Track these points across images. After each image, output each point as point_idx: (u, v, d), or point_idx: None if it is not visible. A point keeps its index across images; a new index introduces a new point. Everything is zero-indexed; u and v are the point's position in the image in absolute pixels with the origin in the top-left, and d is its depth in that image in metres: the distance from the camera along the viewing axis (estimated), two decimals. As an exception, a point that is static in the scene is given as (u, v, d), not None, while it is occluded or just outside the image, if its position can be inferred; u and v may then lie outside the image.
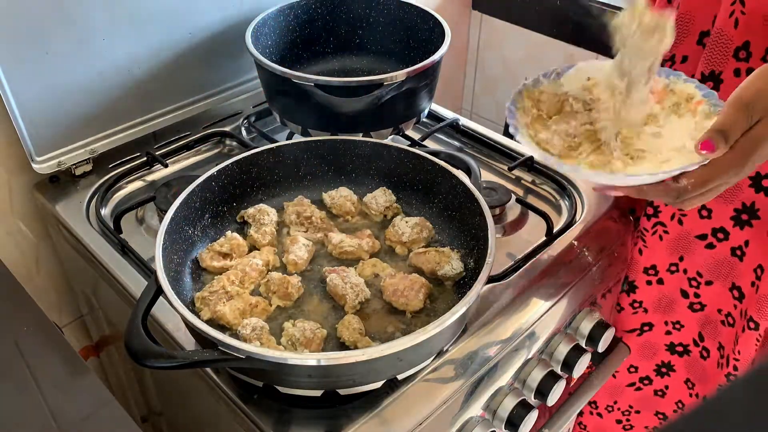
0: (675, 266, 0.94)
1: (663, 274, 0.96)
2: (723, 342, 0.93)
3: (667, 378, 1.05)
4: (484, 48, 1.62)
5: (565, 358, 0.79)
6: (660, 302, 0.99)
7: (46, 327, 0.68)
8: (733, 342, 0.89)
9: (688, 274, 0.94)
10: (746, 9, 0.71)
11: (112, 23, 0.87)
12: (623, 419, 1.15)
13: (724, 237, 0.87)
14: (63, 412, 0.59)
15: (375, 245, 0.77)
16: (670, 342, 1.02)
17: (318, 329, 0.66)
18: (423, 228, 0.77)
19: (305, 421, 0.63)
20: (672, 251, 0.93)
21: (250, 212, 0.79)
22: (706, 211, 0.87)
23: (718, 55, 0.75)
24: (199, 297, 0.69)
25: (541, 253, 0.81)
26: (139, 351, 0.55)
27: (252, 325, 0.65)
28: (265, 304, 0.70)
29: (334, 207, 0.82)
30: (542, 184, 0.95)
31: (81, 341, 1.14)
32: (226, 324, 0.67)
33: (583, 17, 1.38)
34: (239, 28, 0.97)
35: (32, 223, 0.98)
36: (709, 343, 0.97)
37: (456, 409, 0.68)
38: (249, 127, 1.03)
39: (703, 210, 0.87)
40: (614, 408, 1.14)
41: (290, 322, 0.67)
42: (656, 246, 0.93)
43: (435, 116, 1.06)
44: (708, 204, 0.86)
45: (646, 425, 1.14)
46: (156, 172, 0.96)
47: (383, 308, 0.70)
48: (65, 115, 0.88)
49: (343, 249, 0.75)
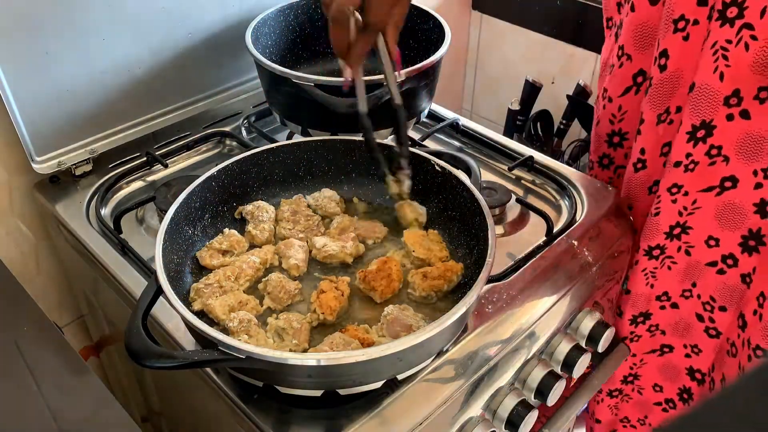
0: (689, 292, 0.94)
1: (677, 299, 0.96)
2: (726, 374, 0.93)
3: (688, 405, 1.05)
4: (484, 48, 1.62)
5: (565, 358, 0.79)
6: (677, 326, 0.99)
7: (46, 327, 0.68)
8: (737, 373, 0.89)
9: (702, 299, 0.94)
10: (730, 62, 0.72)
11: (112, 23, 0.87)
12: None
13: (733, 263, 0.88)
14: (63, 412, 0.59)
15: (359, 248, 0.77)
16: (690, 366, 1.02)
17: (304, 319, 0.67)
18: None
19: (305, 421, 0.63)
20: (683, 278, 0.93)
21: (248, 209, 0.79)
22: (714, 240, 0.88)
23: (706, 107, 0.77)
24: (195, 288, 0.70)
25: (541, 253, 0.81)
26: (139, 351, 0.55)
27: (239, 318, 0.66)
28: (255, 303, 0.70)
29: (318, 209, 0.82)
30: (542, 184, 0.95)
31: (81, 341, 1.14)
32: (214, 318, 0.68)
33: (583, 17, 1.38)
34: (239, 28, 0.97)
35: (32, 223, 0.98)
36: (716, 374, 0.96)
37: (456, 409, 0.68)
38: (249, 127, 1.03)
39: (711, 240, 0.88)
40: (645, 422, 1.15)
41: (273, 316, 0.68)
42: (665, 276, 0.94)
43: (435, 116, 1.06)
44: (714, 233, 0.87)
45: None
46: (156, 172, 0.96)
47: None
48: (65, 115, 0.88)
49: (327, 253, 0.76)
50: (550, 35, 1.46)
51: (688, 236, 0.89)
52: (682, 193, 0.85)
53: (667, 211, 0.87)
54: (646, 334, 1.02)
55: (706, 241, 0.88)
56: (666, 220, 0.88)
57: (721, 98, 0.75)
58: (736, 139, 0.78)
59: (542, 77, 1.45)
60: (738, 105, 0.75)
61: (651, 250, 0.92)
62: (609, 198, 0.90)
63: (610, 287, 0.92)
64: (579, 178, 0.93)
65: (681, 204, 0.86)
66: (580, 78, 1.39)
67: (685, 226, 0.88)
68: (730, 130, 0.77)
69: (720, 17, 0.71)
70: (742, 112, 0.75)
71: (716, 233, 0.87)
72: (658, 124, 0.84)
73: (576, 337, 0.84)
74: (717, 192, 0.83)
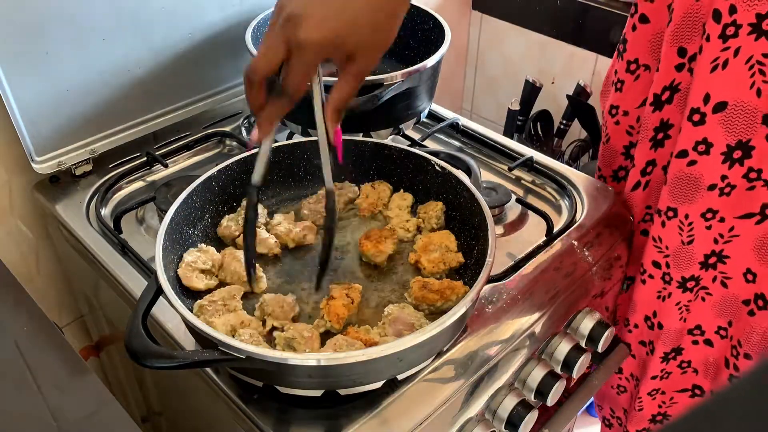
0: (724, 331, 0.89)
1: (711, 335, 0.91)
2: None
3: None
4: (484, 48, 1.62)
5: (565, 358, 0.79)
6: (708, 366, 0.94)
7: (46, 327, 0.68)
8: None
9: (732, 341, 0.89)
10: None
11: (112, 23, 0.87)
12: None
13: (764, 305, 0.83)
14: (63, 412, 0.59)
15: (306, 237, 0.77)
16: None
17: (313, 328, 0.66)
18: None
19: (305, 421, 0.63)
20: (719, 313, 0.88)
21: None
22: (751, 275, 0.83)
23: (742, 126, 0.73)
24: (198, 304, 0.68)
25: (541, 253, 0.81)
26: (139, 351, 0.55)
27: (249, 333, 0.65)
28: (258, 323, 0.68)
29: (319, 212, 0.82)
30: (542, 184, 0.95)
31: (81, 341, 1.14)
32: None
33: (583, 17, 1.38)
34: (239, 28, 0.97)
35: (32, 223, 0.98)
36: None
37: (456, 409, 0.68)
38: (249, 127, 1.03)
39: (749, 274, 0.83)
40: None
41: (279, 331, 0.66)
42: (699, 308, 0.89)
43: (435, 116, 1.06)
44: (753, 267, 0.82)
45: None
46: (156, 172, 0.96)
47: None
48: (65, 115, 0.88)
49: (277, 231, 0.77)
50: (550, 35, 1.46)
51: (725, 266, 0.84)
52: (717, 219, 0.80)
53: (702, 239, 0.82)
54: (677, 371, 0.96)
55: (744, 275, 0.83)
56: (700, 248, 0.83)
57: (760, 116, 0.71)
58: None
59: (542, 77, 1.45)
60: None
61: (685, 282, 0.86)
62: (609, 198, 0.90)
63: (610, 287, 0.92)
64: (579, 178, 0.93)
65: (716, 231, 0.81)
66: (580, 78, 1.39)
67: (721, 255, 0.83)
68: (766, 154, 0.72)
69: (754, 30, 0.67)
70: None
71: (754, 267, 0.81)
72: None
73: (576, 337, 0.84)
74: (757, 220, 0.78)
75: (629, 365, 1.02)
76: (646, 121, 0.83)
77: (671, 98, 0.80)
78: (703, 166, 0.77)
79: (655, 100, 0.81)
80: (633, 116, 0.88)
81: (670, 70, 0.78)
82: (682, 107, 0.79)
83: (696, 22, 0.74)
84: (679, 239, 0.84)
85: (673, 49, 0.77)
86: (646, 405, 1.01)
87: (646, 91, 0.84)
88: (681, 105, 0.79)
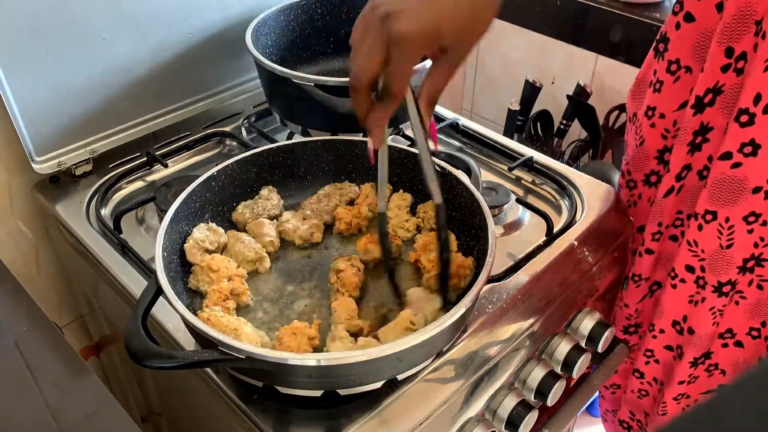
0: (756, 331, 0.87)
1: (742, 337, 0.88)
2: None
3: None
4: (484, 48, 1.62)
5: (565, 358, 0.79)
6: (737, 369, 0.90)
7: (46, 327, 0.68)
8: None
9: (767, 342, 0.86)
10: None
11: (113, 23, 0.87)
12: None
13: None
14: (63, 412, 0.59)
15: (313, 236, 0.78)
16: None
17: (313, 322, 0.67)
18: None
19: (305, 421, 0.63)
20: (752, 315, 0.86)
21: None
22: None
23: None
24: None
25: (541, 253, 0.81)
26: (139, 351, 0.55)
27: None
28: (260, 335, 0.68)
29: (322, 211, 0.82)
30: (542, 184, 0.95)
31: (81, 341, 1.14)
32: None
33: (583, 17, 1.38)
34: (239, 28, 0.97)
35: (32, 223, 0.98)
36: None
37: (456, 409, 0.68)
38: (249, 127, 1.03)
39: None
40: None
41: (278, 330, 0.66)
42: (732, 311, 0.87)
43: (435, 116, 1.06)
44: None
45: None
46: (156, 172, 0.96)
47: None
48: (65, 115, 0.88)
49: (283, 228, 0.78)
50: (550, 35, 1.46)
51: (762, 269, 0.82)
52: (760, 222, 0.77)
53: (742, 243, 0.79)
54: (703, 375, 0.93)
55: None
56: (740, 252, 0.80)
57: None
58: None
59: (542, 77, 1.45)
60: None
61: (721, 287, 0.83)
62: (609, 198, 0.90)
63: (610, 287, 0.92)
64: (579, 178, 0.93)
65: (758, 234, 0.78)
66: (580, 78, 1.40)
67: (760, 259, 0.81)
68: None
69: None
70: None
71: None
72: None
73: (576, 337, 0.84)
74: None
75: (652, 369, 0.99)
76: (685, 125, 0.80)
77: (713, 101, 0.77)
78: (749, 168, 0.75)
79: (697, 103, 0.78)
80: (669, 119, 0.84)
81: (715, 71, 0.75)
82: (723, 110, 0.76)
83: (748, 20, 0.71)
84: (717, 243, 0.81)
85: (720, 49, 0.73)
86: (670, 408, 0.99)
87: (683, 94, 0.81)
88: (722, 107, 0.76)
